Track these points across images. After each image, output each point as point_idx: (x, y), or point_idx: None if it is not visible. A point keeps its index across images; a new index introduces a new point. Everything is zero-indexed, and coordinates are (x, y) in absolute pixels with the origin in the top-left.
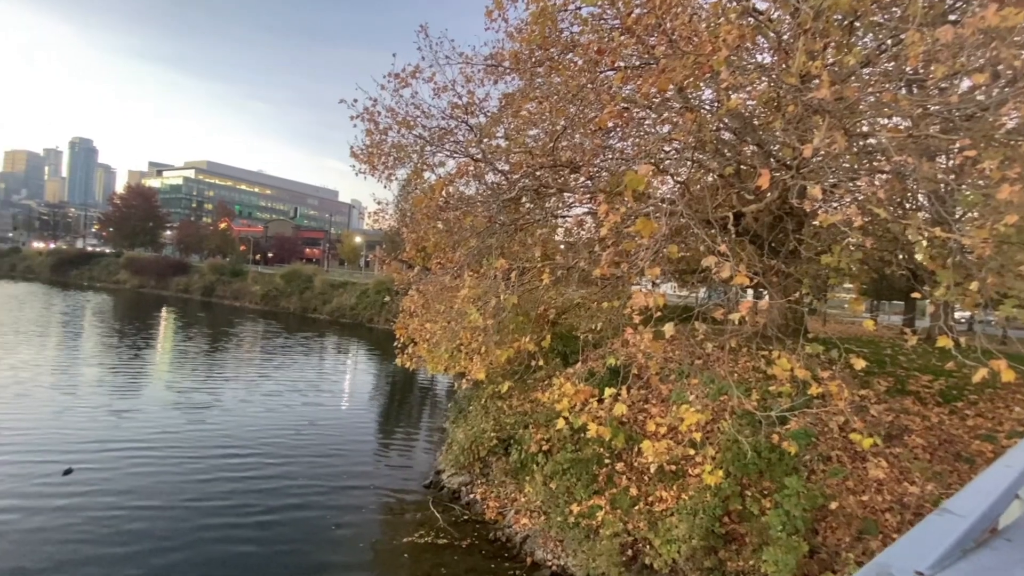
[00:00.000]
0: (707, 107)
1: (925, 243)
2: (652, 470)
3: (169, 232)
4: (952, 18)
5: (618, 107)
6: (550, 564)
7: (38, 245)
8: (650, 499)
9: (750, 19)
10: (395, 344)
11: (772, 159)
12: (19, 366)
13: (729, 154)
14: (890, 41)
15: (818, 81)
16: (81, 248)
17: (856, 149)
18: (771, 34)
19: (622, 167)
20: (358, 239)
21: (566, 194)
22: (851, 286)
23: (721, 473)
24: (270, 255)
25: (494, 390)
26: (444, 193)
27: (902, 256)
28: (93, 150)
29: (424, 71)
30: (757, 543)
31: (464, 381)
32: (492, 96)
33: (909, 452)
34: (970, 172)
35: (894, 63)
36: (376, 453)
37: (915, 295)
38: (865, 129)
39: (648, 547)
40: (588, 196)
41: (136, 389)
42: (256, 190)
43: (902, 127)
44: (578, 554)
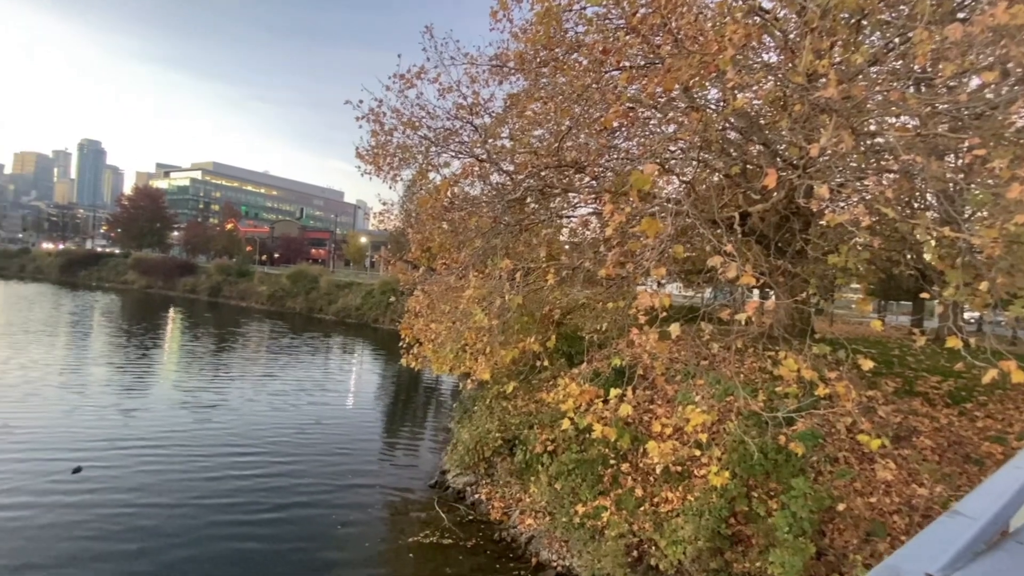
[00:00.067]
0: (713, 106)
1: (934, 243)
2: (658, 471)
3: (176, 233)
4: (961, 16)
5: (623, 107)
6: (555, 565)
7: (47, 246)
8: (656, 500)
9: (756, 18)
10: (400, 344)
11: (778, 158)
12: (29, 365)
13: (735, 154)
14: (898, 39)
15: (825, 80)
16: (90, 249)
17: (864, 148)
18: (777, 33)
19: (627, 167)
20: (363, 240)
21: (571, 194)
22: (858, 286)
23: (727, 474)
24: (276, 256)
25: (499, 390)
26: (449, 194)
27: (910, 256)
28: (101, 152)
29: (429, 72)
30: (764, 545)
31: (469, 381)
32: (497, 96)
33: (918, 454)
34: (979, 171)
35: (902, 61)
36: (381, 452)
37: (923, 295)
38: (873, 128)
39: (654, 548)
40: (593, 196)
41: (144, 388)
42: (262, 191)
43: (910, 126)
44: (583, 555)
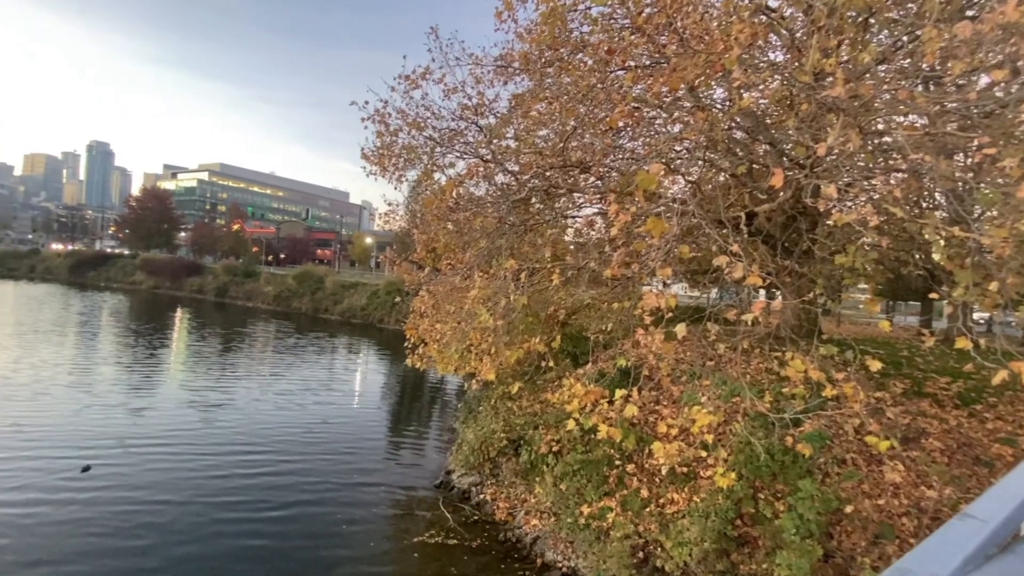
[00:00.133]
0: (719, 106)
1: (943, 243)
2: (663, 472)
3: (183, 234)
4: (970, 13)
5: (629, 107)
6: (560, 566)
7: (57, 247)
8: (661, 501)
9: (762, 17)
10: (405, 344)
11: (785, 158)
12: (39, 365)
13: (741, 153)
14: (906, 38)
15: (832, 79)
16: (98, 250)
17: (871, 147)
18: (784, 32)
19: (633, 167)
20: (369, 240)
21: (576, 194)
22: (866, 286)
23: (733, 475)
24: (282, 256)
25: (504, 391)
26: (454, 194)
27: (919, 256)
28: (110, 153)
29: (434, 72)
30: (770, 546)
31: (474, 382)
32: (502, 97)
33: (926, 455)
34: (989, 170)
35: (910, 60)
36: (387, 452)
37: (932, 296)
38: (880, 127)
39: (659, 549)
40: (598, 196)
41: (152, 388)
42: (268, 192)
43: (919, 125)
44: (588, 556)
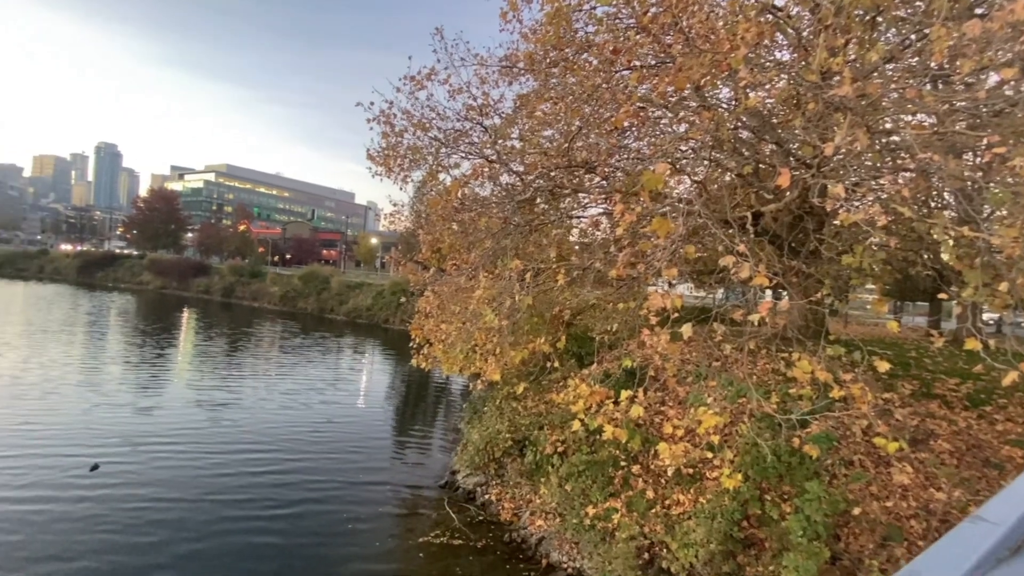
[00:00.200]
0: (725, 105)
1: (952, 242)
2: (669, 473)
3: (190, 234)
4: (979, 11)
5: (634, 106)
6: (566, 566)
7: (65, 247)
8: (667, 502)
9: (769, 16)
10: (410, 344)
11: (792, 157)
12: (48, 364)
13: (747, 153)
14: (914, 36)
15: (839, 78)
16: (107, 250)
17: (879, 147)
18: (790, 30)
19: (638, 167)
20: (374, 240)
21: (581, 194)
22: (874, 287)
23: (740, 477)
24: (288, 257)
25: (509, 391)
26: (459, 194)
27: (927, 256)
28: (118, 154)
29: (439, 73)
30: (777, 548)
31: (479, 382)
32: (507, 97)
33: (935, 457)
34: (999, 169)
35: (918, 58)
36: (392, 452)
37: (941, 296)
38: (888, 126)
39: (665, 551)
40: (603, 196)
41: (159, 387)
42: (274, 192)
43: (927, 124)
44: (594, 557)
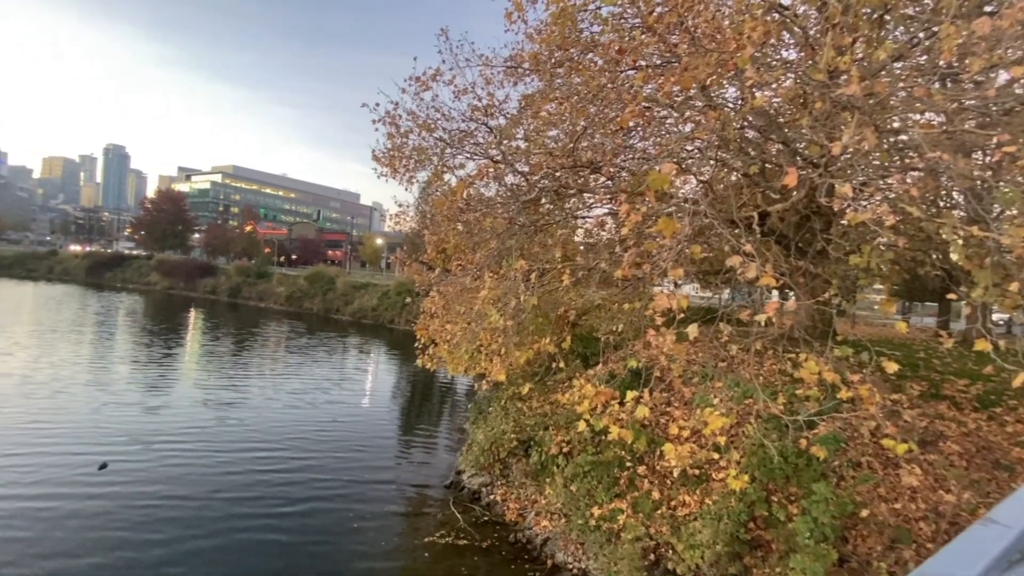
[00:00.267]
0: (731, 105)
1: (961, 242)
2: (675, 474)
3: (197, 235)
4: (988, 9)
5: (639, 106)
6: (571, 567)
7: (74, 248)
8: (673, 503)
9: (775, 14)
10: (416, 345)
11: (799, 157)
12: (58, 364)
13: (753, 152)
14: (922, 34)
15: (847, 76)
16: (115, 251)
17: (887, 146)
18: (797, 29)
19: (643, 167)
20: (379, 241)
21: (586, 195)
22: (882, 287)
23: (746, 478)
24: (294, 257)
25: (514, 391)
26: (464, 195)
27: (936, 256)
28: (126, 156)
29: (444, 74)
30: (784, 550)
31: (484, 382)
32: (512, 98)
33: (944, 459)
34: (1009, 168)
35: (927, 57)
36: (397, 451)
37: (950, 296)
38: (896, 125)
39: (671, 552)
40: (609, 196)
41: (167, 386)
42: (280, 193)
43: (936, 123)
44: (599, 558)
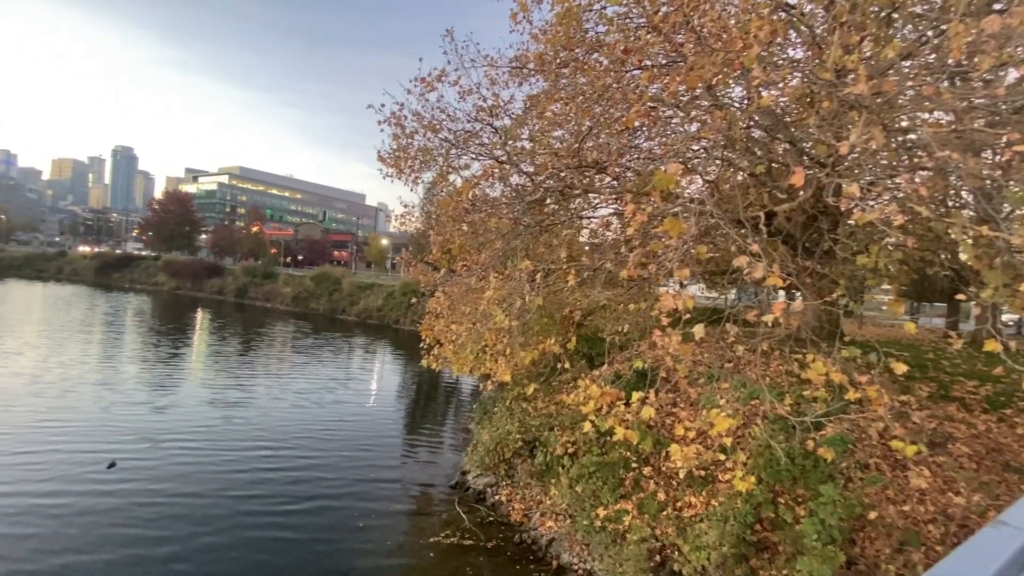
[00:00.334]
0: (737, 104)
1: (970, 242)
2: (681, 475)
3: (204, 236)
4: (998, 7)
5: (645, 106)
6: (576, 568)
7: (83, 249)
8: (678, 504)
9: (782, 13)
10: (421, 345)
11: (805, 156)
12: (67, 363)
13: (760, 152)
14: (931, 32)
15: (854, 75)
16: (123, 252)
17: (895, 145)
18: (804, 28)
19: (649, 167)
20: (385, 242)
21: (592, 195)
22: (890, 287)
23: (753, 479)
24: (300, 258)
25: (519, 392)
26: (469, 195)
27: (945, 256)
28: (134, 158)
29: (450, 75)
30: (791, 552)
31: (489, 382)
32: (517, 98)
33: (953, 461)
34: (1019, 167)
35: (936, 55)
36: (403, 451)
37: (959, 297)
38: (905, 124)
39: (677, 553)
40: (614, 196)
41: (174, 386)
42: (286, 194)
43: (944, 122)
44: (605, 559)
